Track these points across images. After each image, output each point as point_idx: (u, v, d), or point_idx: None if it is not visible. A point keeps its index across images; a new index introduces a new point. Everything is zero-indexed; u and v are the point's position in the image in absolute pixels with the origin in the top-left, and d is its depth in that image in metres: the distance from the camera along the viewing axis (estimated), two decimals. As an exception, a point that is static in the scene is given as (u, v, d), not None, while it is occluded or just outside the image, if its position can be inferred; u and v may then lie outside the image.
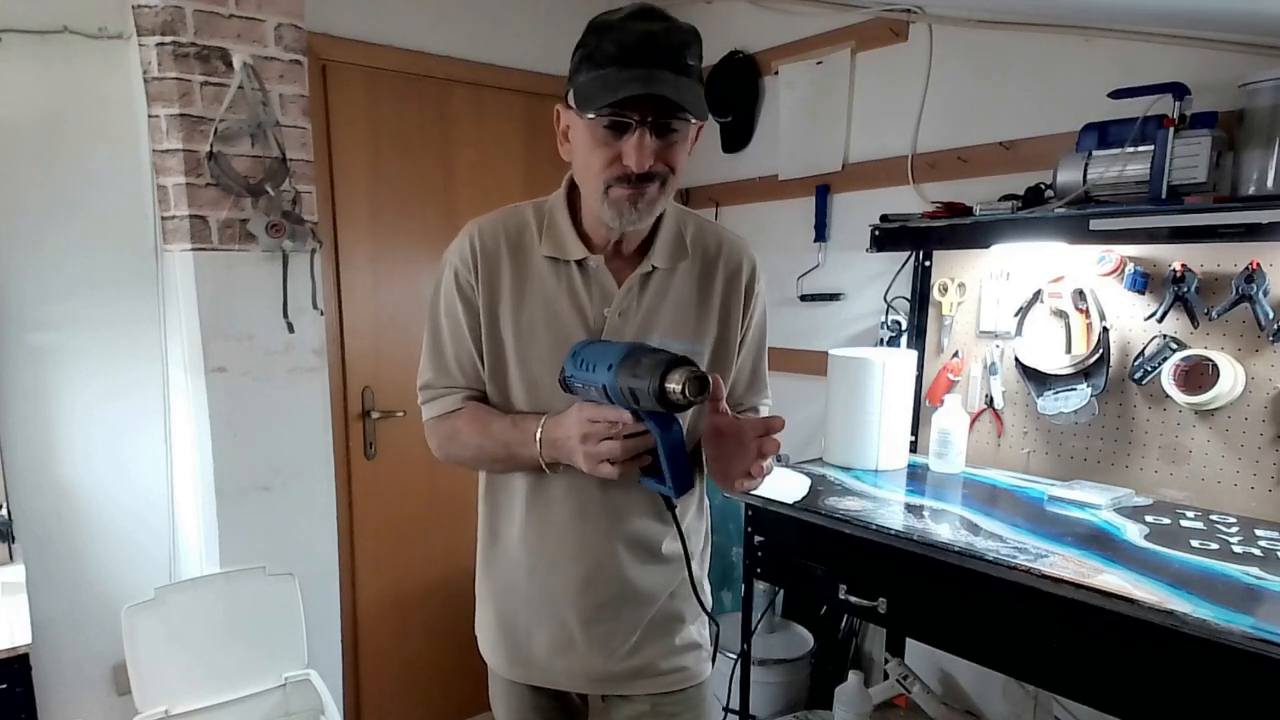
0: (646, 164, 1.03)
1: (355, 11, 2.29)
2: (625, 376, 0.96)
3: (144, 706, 1.84)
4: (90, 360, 2.03)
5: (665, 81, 0.99)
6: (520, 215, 1.20)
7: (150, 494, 2.14)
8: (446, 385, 1.23)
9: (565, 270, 1.16)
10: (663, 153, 1.04)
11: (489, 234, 1.18)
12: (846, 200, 2.42)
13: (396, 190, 2.45)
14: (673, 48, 1.02)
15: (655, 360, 0.94)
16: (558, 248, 1.16)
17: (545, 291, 1.16)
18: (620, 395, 0.97)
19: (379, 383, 2.47)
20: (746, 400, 1.30)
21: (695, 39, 1.06)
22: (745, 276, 1.23)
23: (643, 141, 1.01)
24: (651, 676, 1.26)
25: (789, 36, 2.51)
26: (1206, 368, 1.66)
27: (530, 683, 1.30)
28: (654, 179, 1.05)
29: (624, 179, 1.05)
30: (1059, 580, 1.35)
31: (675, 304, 1.18)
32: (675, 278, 1.19)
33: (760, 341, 1.29)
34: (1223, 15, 1.64)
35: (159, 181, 1.94)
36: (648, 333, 1.16)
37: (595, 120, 1.02)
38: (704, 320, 1.20)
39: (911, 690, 2.18)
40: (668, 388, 0.92)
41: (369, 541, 2.49)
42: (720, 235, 1.26)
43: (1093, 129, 1.73)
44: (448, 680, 2.66)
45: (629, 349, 0.99)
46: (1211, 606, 1.22)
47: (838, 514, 1.69)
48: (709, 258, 1.22)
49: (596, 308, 1.15)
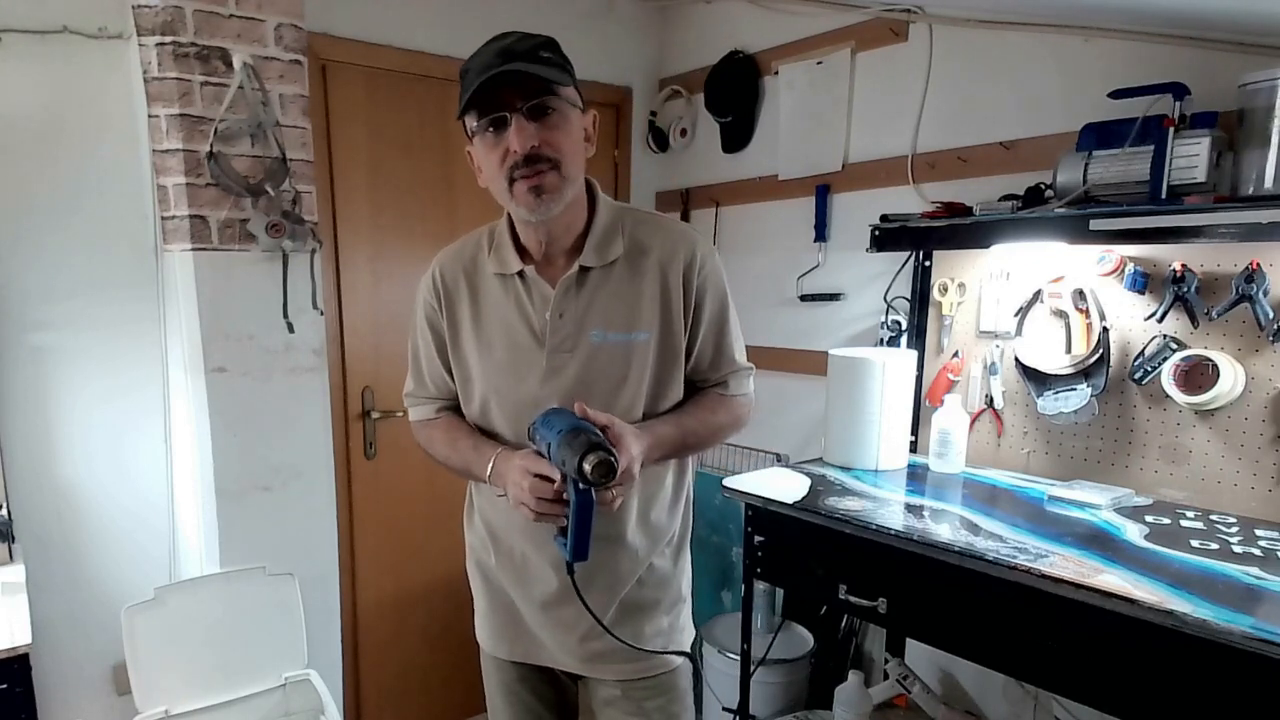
0: (528, 144, 1.12)
1: (355, 11, 2.29)
2: (564, 449, 1.06)
3: (144, 706, 1.84)
4: (90, 360, 2.03)
5: (516, 66, 1.09)
6: (475, 240, 1.33)
7: (150, 494, 2.14)
8: (424, 396, 1.40)
9: (511, 283, 1.27)
10: (546, 136, 1.13)
11: (447, 265, 1.33)
12: (846, 200, 2.42)
13: (396, 190, 2.45)
14: (525, 48, 1.11)
15: (582, 441, 1.05)
16: (501, 264, 1.28)
17: (498, 306, 1.28)
18: (559, 461, 1.08)
19: (379, 383, 2.47)
20: (712, 375, 1.35)
21: (550, 41, 1.16)
22: (683, 264, 1.26)
23: (519, 124, 1.11)
24: (621, 662, 1.32)
25: (789, 36, 2.51)
26: (1206, 368, 1.66)
27: (514, 659, 1.39)
28: (544, 162, 1.13)
29: (516, 167, 1.13)
30: (1059, 580, 1.35)
31: (611, 298, 1.24)
32: (612, 273, 1.25)
33: (718, 321, 1.32)
34: (1222, 15, 1.64)
35: (159, 181, 1.94)
36: (588, 329, 1.23)
37: (480, 128, 1.14)
38: (643, 309, 1.25)
39: (911, 690, 2.18)
40: (584, 466, 1.03)
41: (369, 541, 2.49)
42: (661, 227, 1.30)
43: (1093, 129, 1.73)
44: (447, 680, 2.66)
45: (576, 425, 1.09)
46: (1211, 606, 1.22)
47: (838, 514, 1.69)
48: (645, 250, 1.26)
49: (539, 313, 1.25)
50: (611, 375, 1.24)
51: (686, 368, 1.31)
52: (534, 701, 1.42)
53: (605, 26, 2.78)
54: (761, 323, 2.62)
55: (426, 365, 1.37)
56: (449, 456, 1.33)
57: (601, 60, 2.79)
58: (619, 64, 2.84)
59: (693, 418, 1.31)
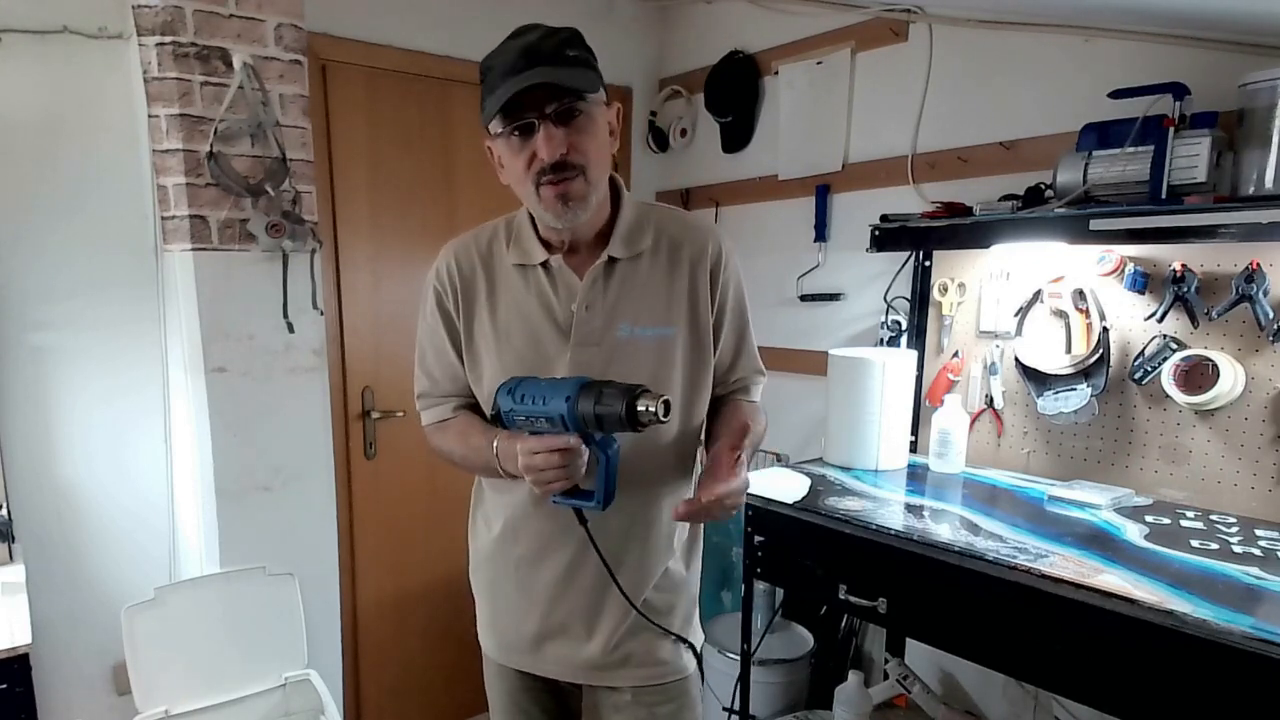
0: (558, 152, 1.09)
1: (355, 11, 2.29)
2: (587, 404, 1.02)
3: (144, 706, 1.84)
4: (90, 360, 2.03)
5: (546, 73, 1.07)
6: (491, 230, 1.29)
7: (150, 494, 2.14)
8: (438, 395, 1.33)
9: (533, 274, 1.23)
10: (574, 141, 1.11)
11: (462, 253, 1.28)
12: (846, 200, 2.42)
13: (396, 190, 2.45)
14: (551, 47, 1.09)
15: (619, 389, 1.02)
16: (523, 254, 1.23)
17: (516, 297, 1.24)
18: (579, 421, 1.04)
19: (379, 383, 2.47)
20: (732, 375, 1.33)
21: (574, 34, 1.13)
22: (710, 260, 1.25)
23: (548, 132, 1.09)
24: (635, 667, 1.30)
25: (789, 36, 2.51)
26: (1206, 368, 1.66)
27: (520, 669, 1.36)
28: (572, 169, 1.11)
29: (544, 173, 1.11)
30: (1059, 580, 1.35)
31: (641, 291, 1.22)
32: (640, 266, 1.23)
33: (739, 319, 1.31)
34: (1223, 15, 1.64)
35: (159, 181, 1.94)
36: (616, 322, 1.20)
37: (505, 133, 1.12)
38: (673, 304, 1.23)
39: (911, 690, 2.18)
40: (640, 409, 1.00)
41: (369, 541, 2.49)
42: (685, 222, 1.29)
43: (1093, 129, 1.73)
44: (448, 680, 2.66)
45: (580, 381, 1.05)
46: (1211, 606, 1.22)
47: (838, 514, 1.69)
48: (673, 244, 1.25)
49: (564, 305, 1.21)
50: (639, 372, 1.18)
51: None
52: (537, 712, 1.40)
53: (605, 26, 2.78)
54: (761, 323, 2.57)
55: (438, 361, 1.30)
56: (465, 455, 1.27)
57: (601, 60, 2.75)
58: (619, 64, 2.84)
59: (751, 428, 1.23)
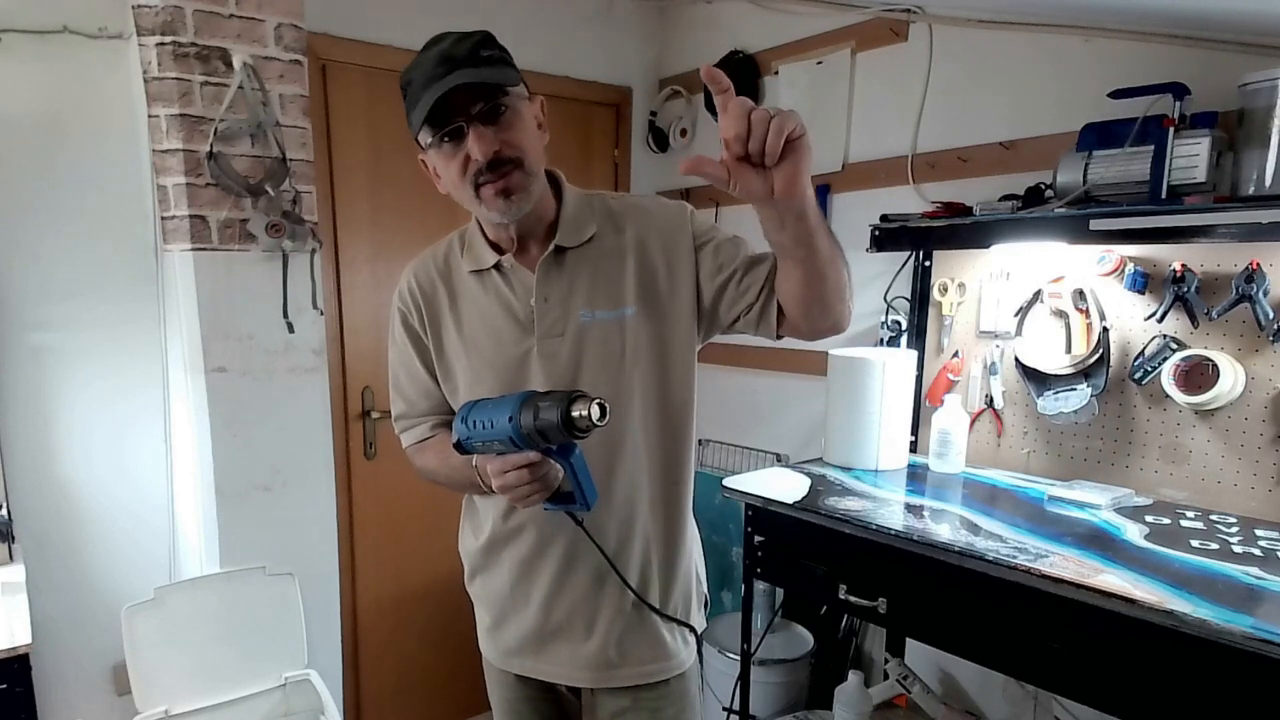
0: (491, 150, 1.10)
1: (355, 11, 2.29)
2: (528, 419, 1.02)
3: (144, 706, 1.84)
4: (90, 360, 2.03)
5: (467, 74, 1.08)
6: (446, 244, 1.33)
7: (150, 494, 2.14)
8: (415, 415, 1.35)
9: (489, 278, 1.26)
10: (505, 137, 1.11)
11: (421, 271, 1.31)
12: (846, 200, 2.42)
13: (396, 190, 2.44)
14: (466, 50, 1.11)
15: (554, 398, 1.01)
16: (476, 260, 1.27)
17: (478, 303, 1.26)
18: (527, 439, 1.03)
19: (379, 382, 2.46)
20: (745, 267, 1.22)
21: (486, 36, 1.15)
22: (663, 234, 1.24)
23: (478, 132, 1.10)
24: (635, 664, 1.30)
25: (789, 36, 2.51)
26: (1206, 368, 1.66)
27: (523, 674, 1.37)
28: (508, 163, 1.12)
29: (481, 173, 1.12)
30: (1059, 580, 1.35)
31: (593, 276, 1.23)
32: (588, 252, 1.24)
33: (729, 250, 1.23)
34: (1222, 15, 1.64)
35: (159, 181, 1.94)
36: (575, 309, 1.21)
37: (436, 141, 1.13)
38: (625, 284, 1.23)
39: (911, 690, 2.18)
40: (575, 415, 0.99)
41: (369, 541, 2.49)
42: (629, 202, 1.30)
43: (1093, 129, 1.73)
44: (447, 680, 2.66)
45: (521, 397, 1.04)
46: (1211, 606, 1.22)
47: (838, 514, 1.69)
48: (620, 226, 1.26)
49: (523, 301, 1.23)
50: (606, 355, 1.21)
51: (726, 310, 1.21)
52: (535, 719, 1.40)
53: (605, 26, 2.77)
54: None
55: (411, 381, 1.33)
56: (450, 475, 1.28)
57: (601, 60, 2.79)
58: (619, 64, 2.84)
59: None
